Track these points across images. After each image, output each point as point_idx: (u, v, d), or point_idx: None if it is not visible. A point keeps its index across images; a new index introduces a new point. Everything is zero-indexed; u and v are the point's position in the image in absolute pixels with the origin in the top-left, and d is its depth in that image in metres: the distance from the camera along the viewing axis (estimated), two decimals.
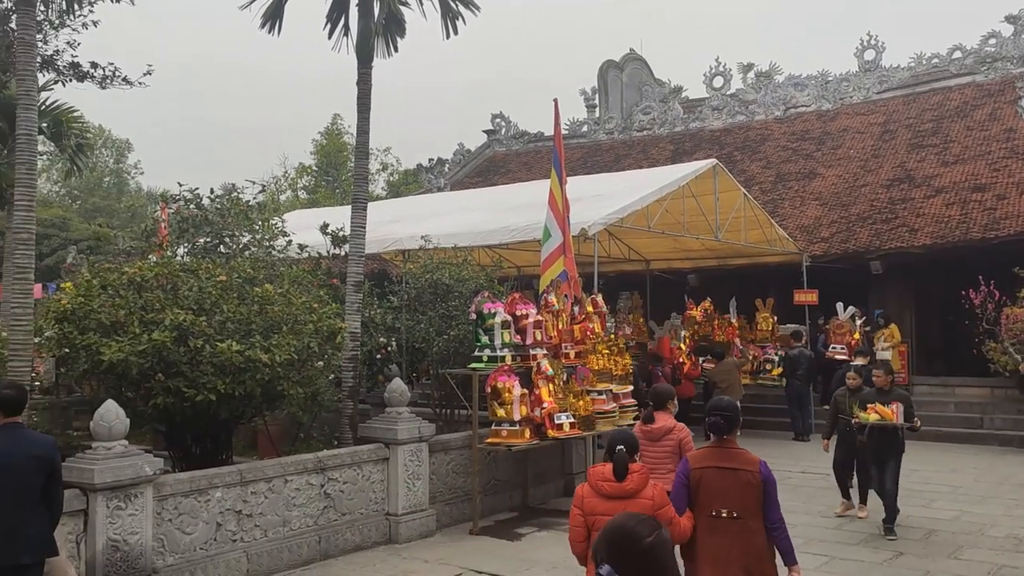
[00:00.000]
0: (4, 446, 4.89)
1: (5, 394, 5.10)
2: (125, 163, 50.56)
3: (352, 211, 10.30)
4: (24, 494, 4.89)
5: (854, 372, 9.66)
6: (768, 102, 24.98)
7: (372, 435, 8.94)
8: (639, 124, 27.03)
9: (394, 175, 42.91)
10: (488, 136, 30.35)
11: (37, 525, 4.96)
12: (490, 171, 28.67)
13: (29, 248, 7.43)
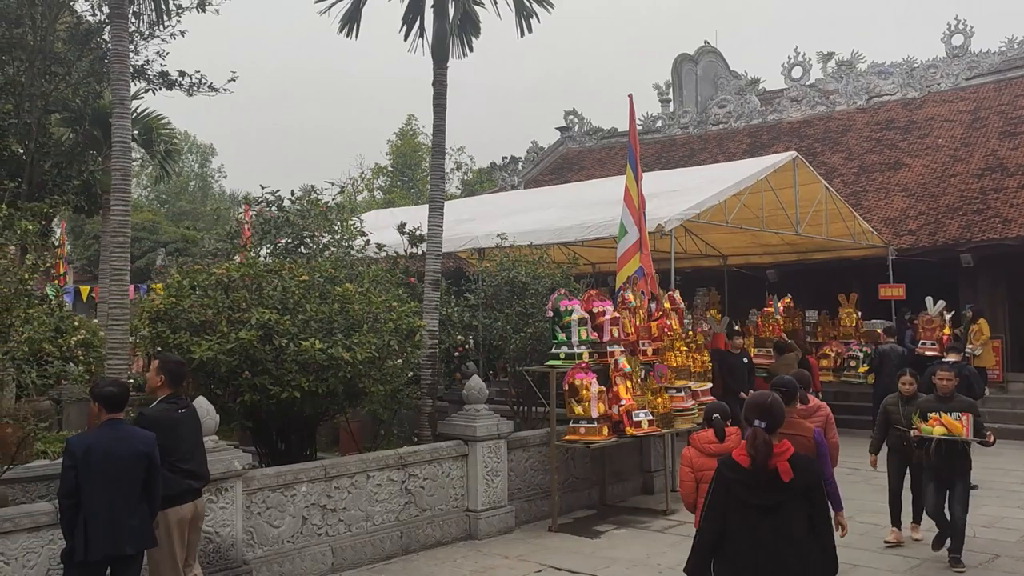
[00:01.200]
0: (108, 441, 5.13)
1: (108, 391, 5.35)
2: (209, 167, 52.24)
3: (429, 210, 10.41)
4: (126, 488, 5.12)
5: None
6: (850, 91, 24.29)
7: (451, 432, 9.04)
8: (714, 118, 26.61)
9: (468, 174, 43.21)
10: (561, 133, 30.31)
11: (139, 517, 5.18)
12: (564, 168, 28.61)
13: (125, 251, 7.74)
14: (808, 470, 4.03)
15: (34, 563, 5.81)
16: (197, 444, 5.92)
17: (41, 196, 10.58)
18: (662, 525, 9.17)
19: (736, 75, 28.06)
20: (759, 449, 3.97)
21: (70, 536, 5.04)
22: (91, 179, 12.97)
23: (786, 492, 3.94)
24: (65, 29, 11.31)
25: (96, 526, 4.96)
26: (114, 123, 7.67)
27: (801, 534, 3.94)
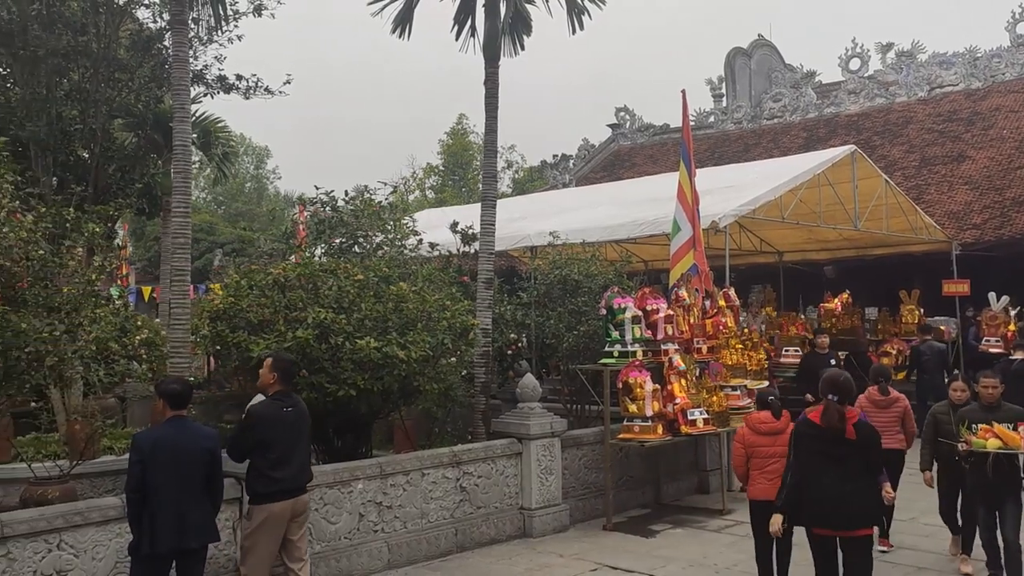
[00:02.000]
0: (173, 437, 5.26)
1: (172, 388, 5.48)
2: (264, 169, 53.14)
3: (481, 209, 10.46)
4: (191, 483, 5.24)
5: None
6: (910, 83, 23.71)
7: (504, 430, 9.07)
8: (769, 112, 26.20)
9: (519, 172, 43.26)
10: (612, 130, 30.15)
11: (202, 512, 5.31)
12: (615, 165, 28.46)
13: (185, 252, 7.92)
14: (867, 432, 5.52)
15: (103, 556, 5.99)
16: (299, 444, 5.98)
17: (106, 199, 10.88)
18: (719, 525, 9.07)
19: (791, 68, 27.58)
20: (831, 415, 5.46)
21: (137, 529, 5.17)
22: (152, 182, 13.30)
23: (849, 446, 5.45)
24: (127, 36, 11.61)
25: (162, 520, 5.08)
26: (175, 127, 7.85)
27: (857, 475, 5.45)
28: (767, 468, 6.32)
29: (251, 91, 12.23)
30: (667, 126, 28.67)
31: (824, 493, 5.44)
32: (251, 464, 5.85)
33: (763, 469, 6.36)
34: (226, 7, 9.04)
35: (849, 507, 5.40)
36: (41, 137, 10.08)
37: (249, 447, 5.78)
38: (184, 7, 7.89)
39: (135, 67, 11.37)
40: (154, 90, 12.32)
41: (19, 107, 10.15)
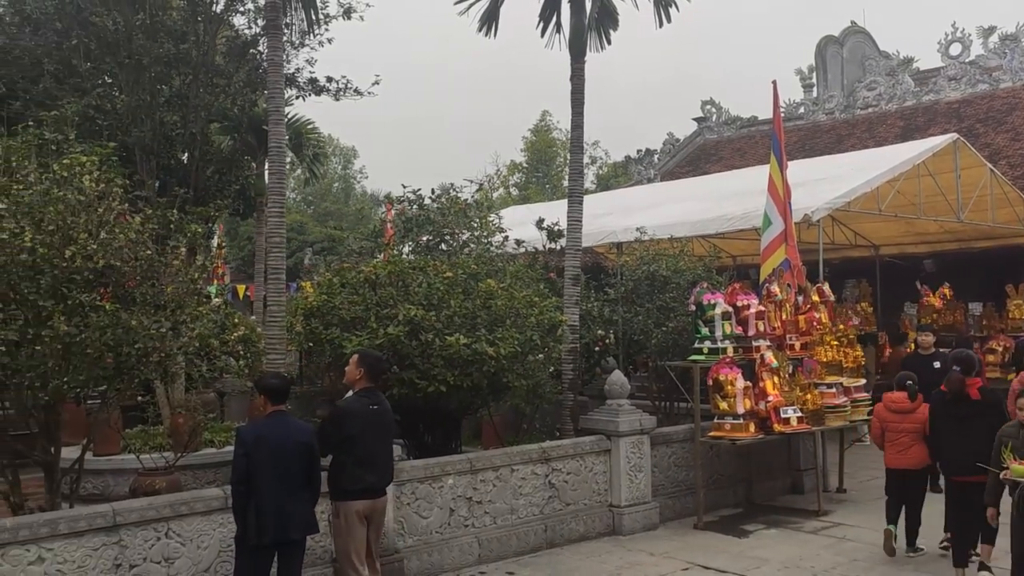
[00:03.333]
0: (275, 432, 5.42)
1: (272, 384, 5.65)
2: (351, 169, 54.25)
3: (568, 205, 10.43)
4: (291, 476, 5.39)
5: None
6: (1016, 67, 22.55)
7: (593, 427, 9.03)
8: (863, 101, 25.31)
9: (603, 168, 43.01)
10: (698, 124, 29.65)
11: (302, 504, 5.46)
12: (701, 159, 27.99)
13: (281, 251, 8.14)
14: (990, 395, 7.03)
15: (207, 544, 6.21)
16: (383, 442, 6.04)
17: (204, 201, 11.28)
18: (815, 526, 8.82)
19: (886, 55, 26.58)
20: (954, 384, 6.94)
21: (242, 521, 5.34)
22: (246, 184, 13.73)
23: (973, 408, 6.88)
24: (224, 43, 12.01)
25: (266, 512, 5.24)
26: (270, 130, 8.07)
27: (982, 433, 6.45)
28: (897, 441, 7.57)
29: (341, 92, 12.49)
30: (755, 118, 28.02)
31: (953, 446, 6.90)
32: (335, 460, 5.92)
33: (893, 442, 7.61)
34: (317, 11, 9.27)
35: (967, 457, 6.52)
36: (145, 142, 10.52)
37: (334, 442, 5.86)
38: (279, 13, 8.11)
39: (231, 72, 11.76)
40: (249, 94, 12.70)
41: (125, 114, 10.62)
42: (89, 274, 6.16)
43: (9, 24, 11.15)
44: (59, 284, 5.99)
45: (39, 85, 10.65)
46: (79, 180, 6.40)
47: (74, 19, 10.53)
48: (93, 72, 10.66)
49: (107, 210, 6.48)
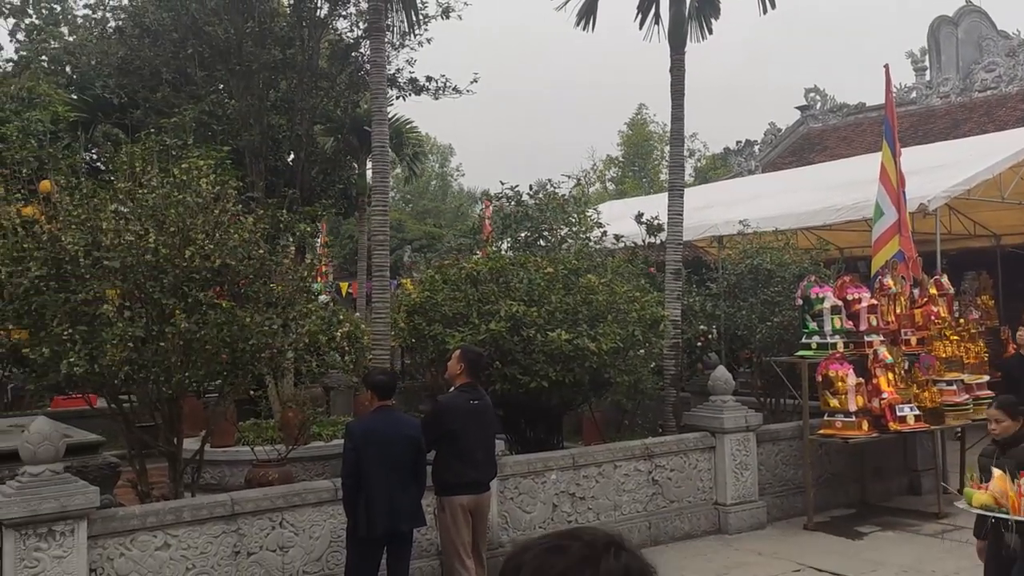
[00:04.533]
0: (382, 427, 5.53)
1: (379, 379, 5.77)
2: (448, 167, 54.93)
3: (668, 198, 10.28)
4: (399, 470, 5.50)
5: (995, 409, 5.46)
6: None
7: (696, 423, 8.88)
8: (981, 83, 24.03)
9: (701, 160, 42.24)
10: (801, 112, 28.75)
11: (410, 497, 5.56)
12: (805, 149, 27.14)
13: (385, 248, 8.30)
14: None
15: (319, 535, 6.40)
16: (485, 437, 6.11)
17: (310, 200, 11.62)
18: (935, 529, 8.44)
19: (1005, 35, 25.16)
20: None
21: (352, 513, 5.48)
22: (348, 183, 14.08)
23: None
24: (327, 47, 12.34)
25: (376, 505, 5.36)
26: (373, 130, 8.24)
27: None
28: None
29: (440, 91, 12.66)
30: (863, 105, 26.98)
31: None
32: (438, 454, 6.01)
33: None
34: (418, 12, 9.41)
35: None
36: (255, 145, 10.92)
37: (436, 437, 5.93)
38: (381, 16, 8.26)
39: (335, 75, 12.07)
40: (351, 96, 13.02)
41: (236, 118, 11.04)
42: (207, 273, 6.43)
43: (130, 36, 11.74)
44: (180, 283, 6.28)
45: (157, 94, 11.18)
46: (197, 183, 6.69)
47: (189, 29, 11.01)
48: (206, 79, 11.13)
49: (222, 211, 6.75)
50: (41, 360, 6.10)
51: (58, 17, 19.34)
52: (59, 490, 5.22)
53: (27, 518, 5.09)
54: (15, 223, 6.39)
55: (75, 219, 6.38)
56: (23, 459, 5.32)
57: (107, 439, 8.70)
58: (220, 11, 10.84)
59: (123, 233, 6.20)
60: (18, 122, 8.93)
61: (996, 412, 5.48)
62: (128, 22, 12.47)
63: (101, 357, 5.99)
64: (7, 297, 6.40)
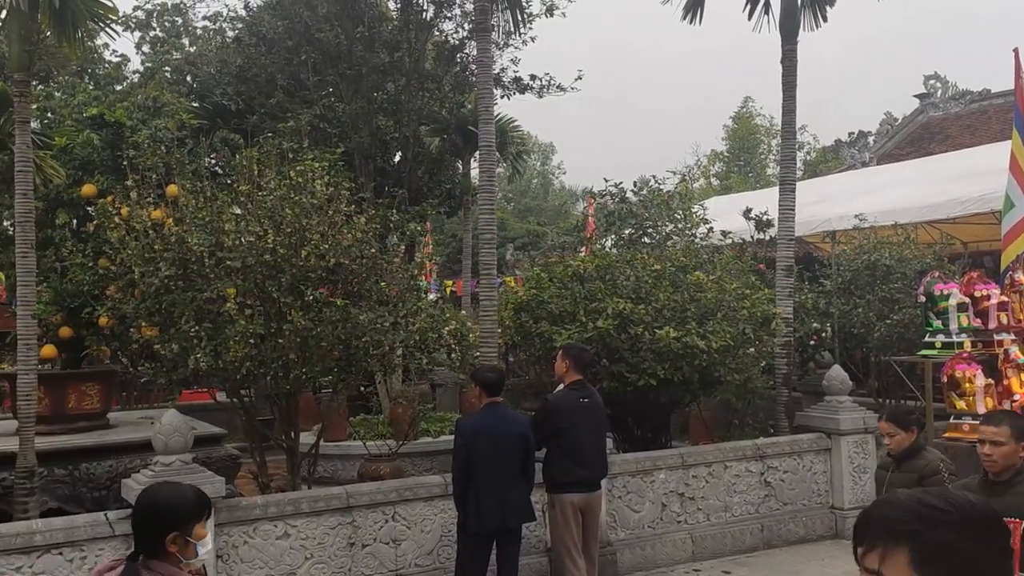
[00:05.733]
0: (492, 423, 5.58)
1: (487, 376, 5.82)
2: (549, 164, 54.98)
3: (780, 193, 9.99)
4: (509, 466, 5.53)
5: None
6: None
7: (810, 424, 8.61)
8: None
9: (811, 154, 40.92)
10: (920, 101, 27.48)
11: (520, 494, 5.59)
12: (923, 139, 25.93)
13: (492, 247, 8.36)
14: None
15: (430, 529, 6.51)
16: (595, 436, 6.07)
17: (417, 200, 11.84)
18: None
19: None
20: None
21: (463, 508, 5.54)
22: (452, 182, 14.26)
23: None
24: (433, 48, 12.55)
25: (486, 500, 5.40)
26: (480, 129, 8.30)
27: None
28: None
29: (544, 90, 12.68)
30: (987, 91, 25.56)
31: None
32: (548, 452, 6.01)
33: None
34: (523, 11, 9.44)
35: None
36: (364, 146, 11.20)
37: (546, 435, 5.93)
38: (487, 16, 8.32)
39: (440, 76, 12.26)
40: (456, 96, 13.19)
41: (346, 121, 11.35)
42: (321, 272, 6.63)
43: (247, 45, 12.24)
44: (296, 282, 6.49)
45: (272, 99, 11.61)
46: (312, 185, 6.90)
47: (302, 36, 11.38)
48: (318, 84, 11.48)
49: (336, 212, 6.95)
50: (170, 356, 6.43)
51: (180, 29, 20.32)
52: (189, 479, 5.46)
53: None
54: (146, 226, 6.75)
55: (200, 221, 6.69)
56: (155, 449, 5.61)
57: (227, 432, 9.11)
58: (331, 18, 11.17)
59: (243, 234, 6.47)
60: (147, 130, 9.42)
61: (886, 425, 5.02)
62: (245, 32, 12.99)
63: (224, 353, 6.27)
64: (139, 296, 6.78)
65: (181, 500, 2.82)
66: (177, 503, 2.80)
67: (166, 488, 2.97)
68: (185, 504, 2.81)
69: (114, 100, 15.27)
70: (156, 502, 2.82)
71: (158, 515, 2.77)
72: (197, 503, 2.85)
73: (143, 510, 2.83)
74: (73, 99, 15.45)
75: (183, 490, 2.90)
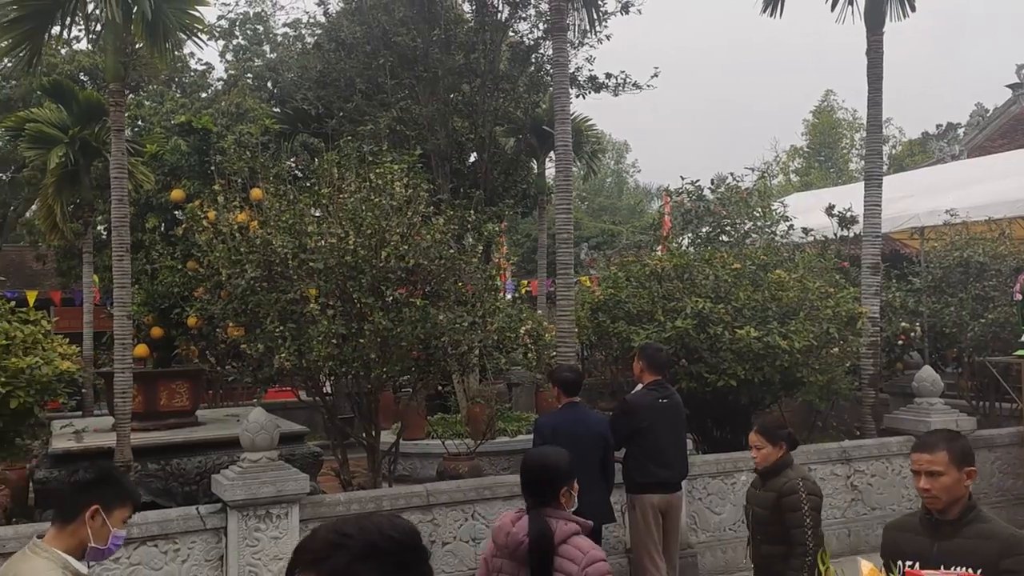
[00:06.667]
0: (571, 422, 5.56)
1: (566, 376, 5.81)
2: (623, 163, 54.57)
3: (865, 188, 9.69)
4: (588, 466, 5.50)
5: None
6: None
7: (899, 426, 8.34)
8: None
9: (896, 147, 39.63)
10: (1013, 91, 26.32)
11: (600, 494, 5.55)
12: (1017, 131, 24.82)
13: (569, 247, 8.34)
14: None
15: None
16: (674, 436, 6.03)
17: (493, 201, 11.89)
18: None
19: None
20: None
21: None
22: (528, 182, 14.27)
23: None
24: (508, 49, 12.59)
25: None
26: (556, 129, 8.28)
27: None
28: None
29: (620, 88, 12.58)
30: None
31: None
32: (627, 453, 5.97)
33: None
34: (598, 9, 9.40)
35: None
36: (440, 148, 11.31)
37: (625, 435, 5.89)
38: (563, 15, 8.30)
39: (515, 77, 12.29)
40: (531, 97, 13.20)
41: (422, 123, 11.48)
42: (401, 273, 6.72)
43: (327, 50, 12.49)
44: (377, 282, 6.59)
45: (351, 103, 11.81)
46: (391, 186, 7.00)
47: (380, 40, 11.56)
48: (395, 87, 11.64)
49: (415, 213, 7.03)
50: (256, 355, 6.61)
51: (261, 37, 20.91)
52: (275, 476, 5.61)
53: (248, 501, 5.51)
54: (232, 229, 6.95)
55: (283, 224, 6.86)
56: (243, 446, 5.77)
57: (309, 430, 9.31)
58: (408, 21, 11.31)
59: (325, 236, 6.60)
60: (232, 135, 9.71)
61: (755, 437, 4.70)
62: (324, 37, 13.26)
63: (308, 353, 6.41)
64: (226, 297, 6.99)
65: (565, 461, 3.45)
66: (563, 463, 3.43)
67: (552, 452, 3.61)
68: (567, 463, 3.45)
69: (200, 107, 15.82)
70: (547, 464, 3.45)
71: (552, 473, 3.38)
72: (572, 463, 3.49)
73: (539, 470, 3.43)
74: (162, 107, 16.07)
75: (564, 454, 3.54)
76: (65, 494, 2.87)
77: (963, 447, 3.19)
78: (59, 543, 2.74)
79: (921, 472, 3.17)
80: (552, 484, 3.34)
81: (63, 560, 2.69)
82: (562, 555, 3.19)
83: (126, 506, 2.91)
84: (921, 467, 3.18)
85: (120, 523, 2.87)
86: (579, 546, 3.21)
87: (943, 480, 3.11)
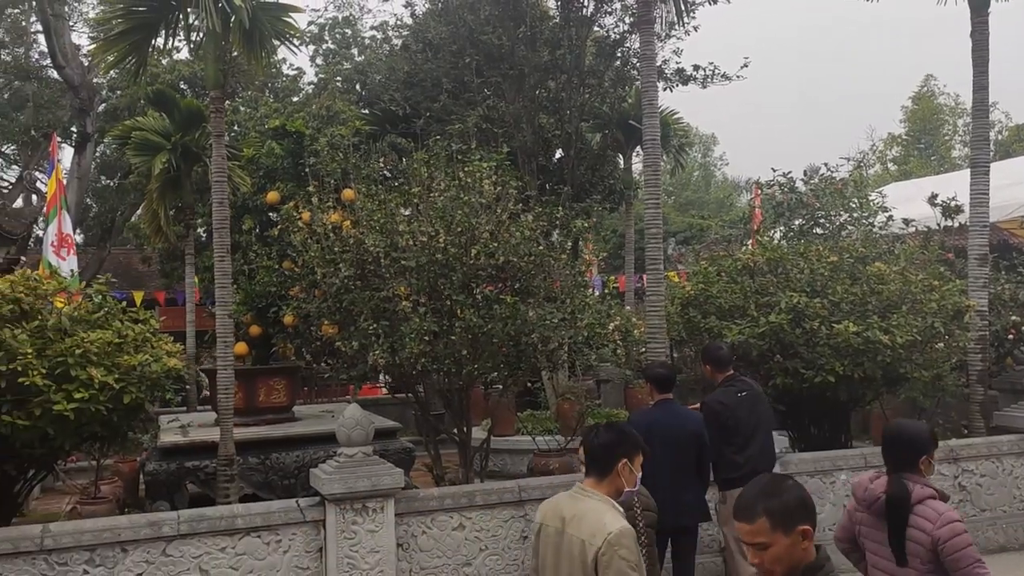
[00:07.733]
0: (665, 420, 5.50)
1: (658, 373, 5.74)
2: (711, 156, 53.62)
3: (971, 176, 9.27)
4: (683, 464, 5.43)
5: None
6: None
7: (1010, 424, 7.98)
8: None
9: (1003, 132, 37.76)
10: None
11: (694, 492, 5.47)
12: None
13: (658, 241, 8.24)
14: None
15: None
16: (759, 428, 5.98)
17: (580, 197, 11.85)
18: None
19: None
20: None
21: None
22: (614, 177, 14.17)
23: None
24: (593, 44, 12.52)
25: (661, 499, 5.31)
26: (644, 123, 8.20)
27: None
28: None
29: (708, 80, 12.37)
30: None
31: None
32: (716, 450, 5.89)
33: None
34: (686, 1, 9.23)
35: None
36: (527, 145, 11.32)
37: (711, 434, 5.80)
38: (650, 8, 8.20)
39: (601, 72, 12.22)
40: (616, 91, 13.10)
41: (509, 121, 11.53)
42: (491, 270, 6.76)
43: (414, 52, 12.67)
44: (467, 280, 6.65)
45: (437, 103, 11.95)
46: (480, 185, 7.05)
47: (466, 40, 11.66)
48: (481, 86, 11.71)
49: (503, 210, 7.06)
50: (351, 352, 6.75)
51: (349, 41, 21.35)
52: (370, 470, 5.72)
53: (345, 494, 5.64)
54: (326, 229, 7.12)
55: (375, 224, 6.98)
56: (339, 441, 5.90)
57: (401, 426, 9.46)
58: (494, 20, 11.37)
59: (416, 235, 6.69)
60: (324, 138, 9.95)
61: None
62: (411, 39, 13.45)
63: (401, 350, 6.51)
64: (321, 295, 7.16)
65: (925, 432, 3.76)
66: (924, 434, 3.74)
67: (910, 423, 3.94)
68: (927, 434, 3.75)
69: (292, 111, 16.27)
70: (911, 434, 3.74)
71: (912, 442, 3.70)
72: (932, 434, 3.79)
73: (903, 441, 3.72)
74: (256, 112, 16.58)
75: (923, 426, 3.87)
76: (597, 454, 3.30)
77: (785, 504, 2.55)
78: (601, 490, 3.24)
79: (748, 546, 2.61)
80: (911, 451, 3.67)
81: (611, 502, 3.21)
82: (918, 514, 3.54)
83: (639, 453, 3.36)
84: (745, 540, 2.62)
85: (638, 468, 3.35)
86: (935, 507, 3.52)
87: (773, 552, 2.55)
